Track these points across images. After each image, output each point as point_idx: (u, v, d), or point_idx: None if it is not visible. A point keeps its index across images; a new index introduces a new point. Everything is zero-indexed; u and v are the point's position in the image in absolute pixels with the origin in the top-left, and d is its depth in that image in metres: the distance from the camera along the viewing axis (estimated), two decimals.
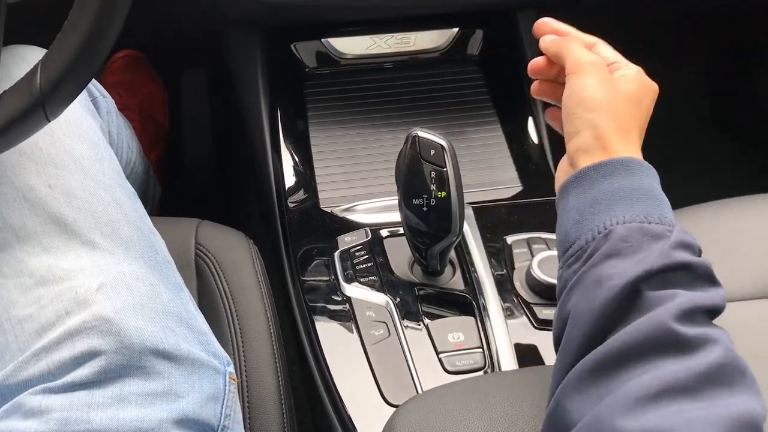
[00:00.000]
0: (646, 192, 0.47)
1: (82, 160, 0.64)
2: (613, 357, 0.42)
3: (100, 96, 0.81)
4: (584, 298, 0.44)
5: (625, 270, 0.43)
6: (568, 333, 0.45)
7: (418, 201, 0.65)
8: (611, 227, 0.45)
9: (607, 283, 0.43)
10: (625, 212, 0.45)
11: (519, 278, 0.71)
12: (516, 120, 0.91)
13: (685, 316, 0.42)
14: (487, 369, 0.65)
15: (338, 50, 0.93)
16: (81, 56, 0.54)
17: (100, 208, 0.62)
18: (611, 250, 0.44)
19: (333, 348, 0.67)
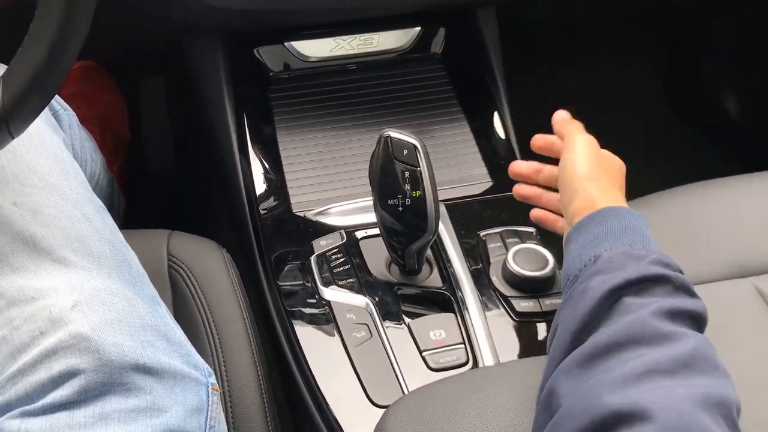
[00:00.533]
0: (633, 229, 0.55)
1: (47, 176, 0.63)
2: (599, 349, 0.45)
3: (62, 109, 0.79)
4: (571, 307, 0.50)
5: (607, 281, 0.49)
6: (557, 337, 0.50)
7: (393, 201, 0.66)
8: (599, 254, 0.52)
9: (591, 293, 0.49)
10: (612, 243, 0.53)
11: (495, 272, 0.72)
12: (482, 116, 0.92)
13: (663, 315, 0.46)
14: (469, 364, 0.65)
15: (302, 53, 0.92)
16: (44, 70, 0.53)
17: (69, 224, 0.60)
18: (597, 269, 0.50)
19: (315, 352, 0.67)
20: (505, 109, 0.93)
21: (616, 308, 0.48)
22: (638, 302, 0.48)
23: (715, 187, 0.86)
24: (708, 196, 0.85)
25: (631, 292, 0.48)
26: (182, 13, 0.86)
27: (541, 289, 0.70)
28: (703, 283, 0.74)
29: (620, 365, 0.43)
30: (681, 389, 0.42)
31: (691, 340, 0.46)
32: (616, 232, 0.54)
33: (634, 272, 0.49)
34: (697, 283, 0.74)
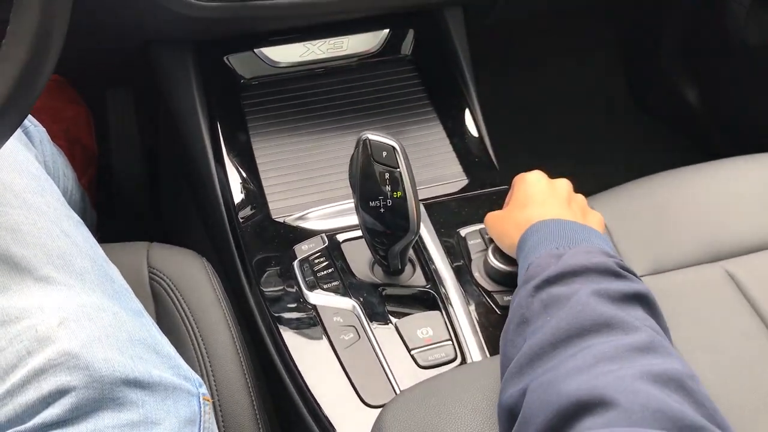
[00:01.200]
0: (559, 233, 0.59)
1: (23, 193, 0.62)
2: (547, 344, 0.47)
3: (32, 125, 0.78)
4: (508, 319, 0.54)
5: (533, 283, 0.53)
6: (501, 346, 0.54)
7: (374, 203, 0.66)
8: (531, 263, 0.57)
9: (518, 298, 0.54)
10: (540, 251, 0.58)
11: (477, 268, 0.74)
12: (454, 115, 0.93)
13: (601, 298, 0.48)
14: (458, 359, 0.66)
15: (272, 59, 0.92)
16: (16, 91, 0.52)
17: (49, 241, 0.60)
18: (528, 277, 0.55)
19: (304, 357, 0.67)
20: (476, 107, 0.95)
21: (543, 300, 0.51)
22: (563, 290, 0.50)
23: (682, 175, 0.88)
24: (675, 185, 0.87)
25: (555, 285, 0.51)
26: (152, 23, 0.86)
27: None
28: (675, 269, 0.76)
29: (571, 358, 0.45)
30: (630, 371, 0.43)
31: (640, 332, 0.47)
32: (543, 240, 0.58)
33: (555, 268, 0.52)
34: (670, 269, 0.77)
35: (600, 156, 1.48)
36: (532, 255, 0.57)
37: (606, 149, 1.50)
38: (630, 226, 0.81)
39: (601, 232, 0.63)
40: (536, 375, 0.46)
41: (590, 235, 0.59)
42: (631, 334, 0.46)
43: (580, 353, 0.45)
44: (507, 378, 0.49)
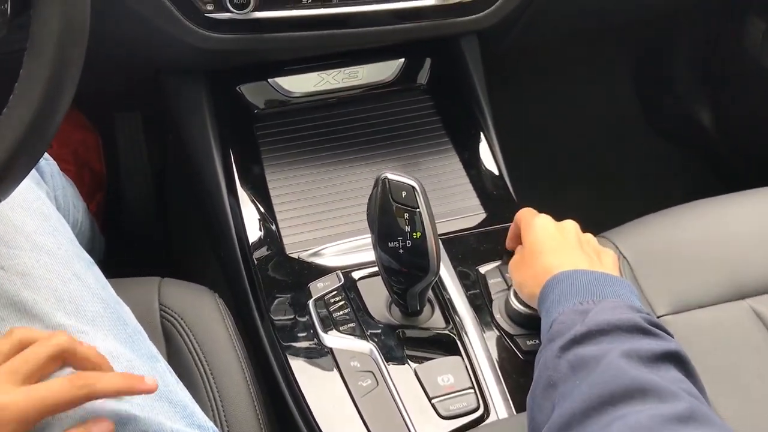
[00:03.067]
0: (583, 286, 0.57)
1: (34, 235, 0.61)
2: (578, 413, 0.45)
3: (42, 159, 0.76)
4: (534, 378, 0.52)
5: (558, 343, 0.51)
6: (528, 409, 0.52)
7: (393, 244, 0.64)
8: (555, 319, 0.55)
9: (543, 359, 0.51)
10: (564, 306, 0.56)
11: (498, 310, 0.71)
12: (470, 146, 0.92)
13: (631, 359, 0.46)
14: (481, 409, 0.64)
15: (286, 89, 0.91)
16: (31, 132, 0.51)
17: (60, 285, 0.58)
18: (552, 335, 0.53)
19: (321, 404, 0.65)
20: (493, 137, 0.93)
21: (571, 362, 0.49)
22: (591, 351, 0.48)
23: (702, 208, 0.86)
24: (695, 218, 0.85)
25: (582, 345, 0.49)
26: (165, 55, 0.84)
27: None
28: (699, 308, 0.74)
29: (605, 429, 0.42)
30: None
31: (680, 400, 0.44)
32: (565, 294, 0.56)
33: (580, 327, 0.50)
34: (693, 307, 0.74)
35: (614, 181, 1.46)
36: (554, 310, 0.55)
37: (620, 174, 1.48)
38: (650, 261, 0.79)
39: (617, 274, 0.61)
40: None
41: (613, 284, 0.57)
42: (668, 402, 0.43)
43: (615, 424, 0.42)
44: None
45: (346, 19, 0.83)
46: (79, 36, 0.52)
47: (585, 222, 1.36)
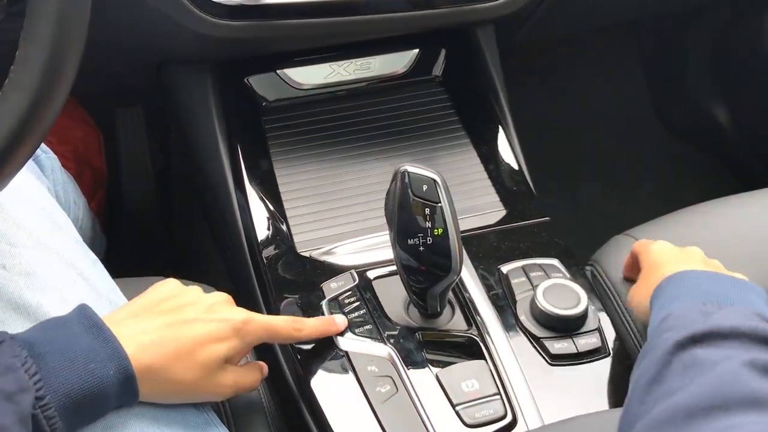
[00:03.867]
0: (708, 288, 0.54)
1: (37, 232, 0.57)
2: (682, 412, 0.41)
3: (43, 154, 0.73)
4: (638, 367, 0.48)
5: (673, 336, 0.46)
6: (628, 398, 0.47)
7: (413, 241, 0.61)
8: (670, 312, 0.51)
9: (657, 349, 0.46)
10: (684, 302, 0.52)
11: (523, 311, 0.67)
12: (488, 140, 0.88)
13: (755, 370, 0.42)
14: (508, 417, 0.60)
15: (296, 81, 0.87)
16: (27, 121, 0.47)
17: (65, 285, 0.55)
18: (667, 327, 0.48)
19: (337, 412, 0.61)
20: (512, 130, 0.89)
21: (685, 362, 0.44)
22: (710, 354, 0.44)
23: (727, 206, 0.83)
24: (722, 215, 0.82)
25: (700, 346, 0.45)
26: (170, 43, 0.81)
27: (575, 327, 0.66)
28: None
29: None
30: None
31: None
32: (689, 291, 0.53)
33: (701, 326, 0.46)
34: None
35: (626, 179, 1.42)
36: (671, 306, 0.52)
37: (632, 172, 1.44)
38: None
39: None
40: None
41: (743, 289, 0.54)
42: None
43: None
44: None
45: (358, 5, 0.79)
46: (79, 16, 0.48)
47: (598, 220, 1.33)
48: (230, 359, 0.55)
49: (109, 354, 0.48)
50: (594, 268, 0.77)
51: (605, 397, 0.62)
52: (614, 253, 0.77)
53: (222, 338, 0.54)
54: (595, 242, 0.82)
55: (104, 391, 0.47)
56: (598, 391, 0.63)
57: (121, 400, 0.50)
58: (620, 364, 0.65)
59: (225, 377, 0.55)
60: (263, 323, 0.57)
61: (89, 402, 0.47)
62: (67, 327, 0.49)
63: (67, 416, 0.46)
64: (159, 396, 0.52)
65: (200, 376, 0.52)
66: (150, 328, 0.52)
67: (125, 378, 0.48)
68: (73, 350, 0.47)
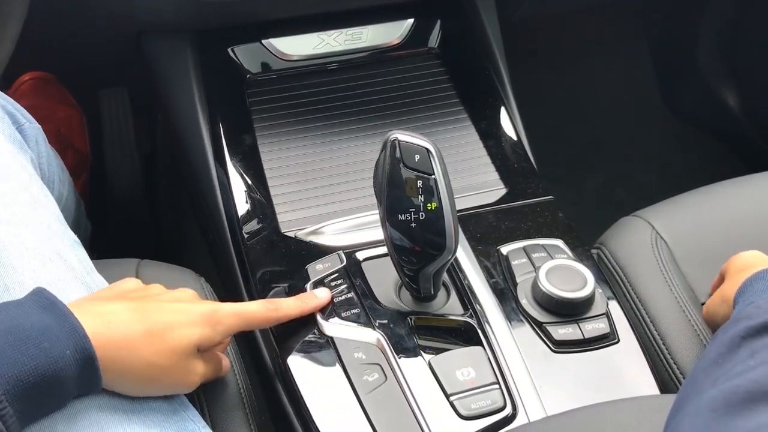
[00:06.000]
0: None
1: (13, 205, 0.52)
2: (743, 394, 0.37)
3: (27, 123, 0.67)
4: (707, 350, 0.44)
5: (748, 323, 0.43)
6: (688, 378, 0.44)
7: (404, 216, 0.55)
8: (751, 303, 0.47)
9: (729, 333, 0.43)
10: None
11: (524, 294, 0.62)
12: (487, 115, 0.83)
13: None
14: (508, 409, 0.55)
15: (282, 52, 0.82)
16: None
17: (39, 265, 0.50)
18: (745, 315, 0.44)
19: (320, 403, 0.56)
20: (513, 105, 0.84)
21: (754, 347, 0.40)
22: None
23: (738, 187, 0.79)
24: (733, 196, 0.78)
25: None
26: (146, 9, 0.75)
27: (581, 312, 0.60)
28: None
29: None
30: None
31: None
32: None
33: None
34: None
35: (631, 163, 1.37)
36: (756, 298, 0.48)
37: (637, 155, 1.39)
38: (690, 244, 0.71)
39: None
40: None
41: None
42: None
43: None
44: (678, 419, 0.39)
45: None
46: None
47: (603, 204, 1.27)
48: (201, 347, 0.51)
49: (66, 332, 0.43)
50: (601, 251, 0.72)
51: (613, 386, 0.57)
52: (623, 234, 0.72)
53: (193, 324, 0.50)
54: (601, 229, 0.77)
55: (61, 373, 0.42)
56: (605, 380, 0.58)
57: (82, 386, 0.45)
58: (630, 352, 0.60)
59: (196, 365, 0.51)
60: (233, 310, 0.54)
61: (45, 387, 0.42)
62: (18, 306, 0.44)
63: (19, 403, 0.41)
64: (126, 384, 0.48)
65: (172, 362, 0.49)
66: (116, 309, 0.48)
67: (85, 358, 0.43)
68: (23, 328, 0.42)
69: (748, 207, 0.75)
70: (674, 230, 0.72)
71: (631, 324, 0.63)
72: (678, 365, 0.61)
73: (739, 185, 0.79)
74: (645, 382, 0.58)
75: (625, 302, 0.66)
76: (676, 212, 0.75)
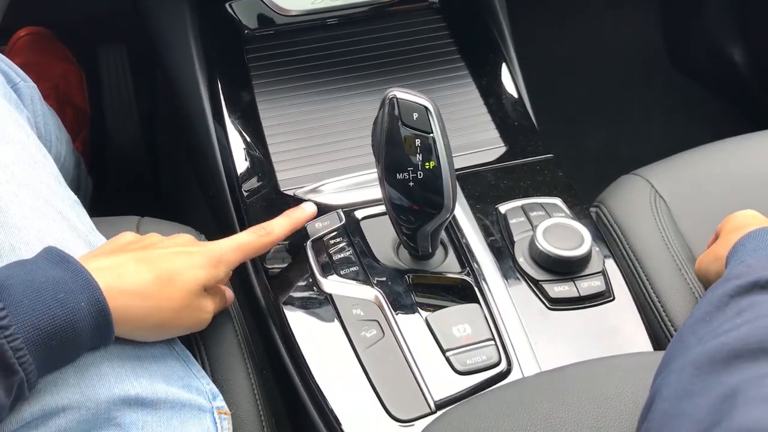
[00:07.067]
0: None
1: (12, 166, 0.53)
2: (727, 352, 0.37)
3: (21, 81, 0.67)
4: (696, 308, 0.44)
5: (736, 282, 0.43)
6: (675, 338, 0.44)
7: (402, 175, 0.55)
8: (742, 262, 0.48)
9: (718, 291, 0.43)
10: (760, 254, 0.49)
11: (522, 252, 0.63)
12: (488, 72, 0.82)
13: None
14: (503, 364, 0.56)
15: (281, 6, 0.81)
16: None
17: (43, 224, 0.51)
18: (735, 274, 0.44)
19: (319, 358, 0.57)
20: (515, 63, 0.83)
21: (741, 306, 0.41)
22: None
23: (738, 145, 0.79)
24: (732, 154, 0.78)
25: (764, 292, 0.41)
26: None
27: (577, 270, 0.61)
28: None
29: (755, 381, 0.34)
30: None
31: None
32: (766, 244, 0.50)
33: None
34: None
35: (633, 121, 1.36)
36: (747, 257, 0.48)
37: (641, 113, 1.38)
38: (688, 201, 0.71)
39: None
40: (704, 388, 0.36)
41: None
42: None
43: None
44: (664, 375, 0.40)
45: None
46: None
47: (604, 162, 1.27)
48: (207, 287, 0.53)
49: (80, 285, 0.44)
50: (599, 209, 0.72)
51: (608, 343, 0.58)
52: (621, 192, 0.72)
53: (198, 266, 0.52)
54: (604, 186, 0.77)
55: (76, 324, 0.43)
56: (600, 337, 0.58)
57: (96, 338, 0.46)
58: (625, 310, 0.61)
59: (206, 304, 0.53)
60: (230, 244, 0.56)
61: (61, 337, 0.43)
62: (32, 263, 0.45)
63: (38, 351, 0.42)
64: (141, 331, 0.49)
65: (183, 305, 0.50)
66: (123, 261, 0.49)
67: (98, 311, 0.44)
68: (39, 281, 0.43)
69: (748, 165, 0.75)
70: (673, 188, 0.71)
71: (628, 282, 0.63)
72: (673, 323, 0.61)
73: (740, 143, 0.78)
74: (639, 340, 0.59)
75: (622, 260, 0.66)
76: (676, 170, 0.75)
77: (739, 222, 0.58)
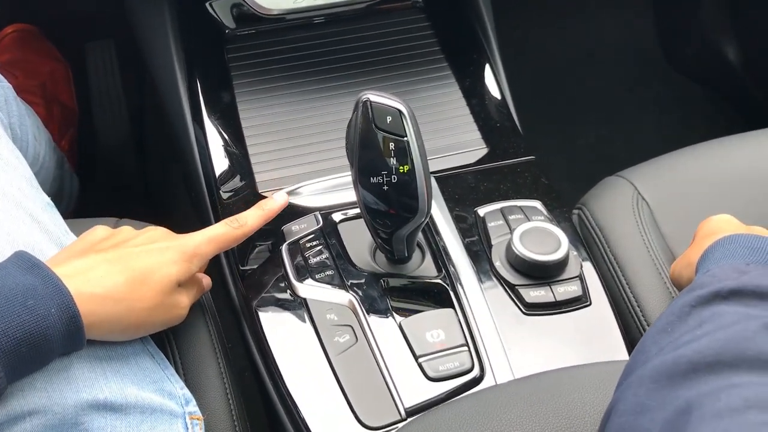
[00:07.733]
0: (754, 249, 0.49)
1: None
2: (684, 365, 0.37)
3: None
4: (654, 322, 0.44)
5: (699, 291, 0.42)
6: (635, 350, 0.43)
7: (376, 179, 0.55)
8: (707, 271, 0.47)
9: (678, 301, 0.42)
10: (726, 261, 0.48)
11: (498, 256, 0.62)
12: (472, 72, 0.81)
13: None
14: (475, 370, 0.55)
15: (262, 5, 0.80)
16: None
17: (13, 228, 0.50)
18: (700, 284, 0.44)
19: (291, 363, 0.56)
20: (499, 63, 0.82)
21: (703, 316, 0.40)
22: (732, 311, 0.39)
23: (729, 145, 0.78)
24: (722, 156, 0.77)
25: (726, 302, 0.40)
26: None
27: (554, 274, 0.60)
28: None
29: (710, 396, 0.34)
30: None
31: None
32: (733, 254, 0.49)
33: (732, 283, 0.42)
34: None
35: (628, 120, 1.35)
36: (713, 266, 0.48)
37: (634, 112, 1.37)
38: (672, 204, 0.70)
39: None
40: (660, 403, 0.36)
41: None
42: None
43: (729, 391, 0.34)
44: (623, 388, 0.39)
45: None
46: None
47: (596, 162, 1.25)
48: (181, 282, 0.53)
49: (50, 292, 0.44)
50: (581, 212, 0.71)
51: (583, 349, 0.58)
52: (604, 195, 0.71)
53: (171, 262, 0.52)
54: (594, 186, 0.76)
55: (47, 332, 0.43)
56: (575, 343, 0.58)
57: (66, 345, 0.45)
58: (602, 315, 0.60)
59: (180, 299, 0.53)
60: (203, 236, 0.55)
61: (31, 344, 0.42)
62: (0, 269, 0.44)
63: (6, 358, 0.42)
64: (115, 334, 0.49)
65: (157, 303, 0.50)
66: (94, 264, 0.48)
67: (69, 317, 0.44)
68: (8, 288, 0.43)
69: (732, 168, 0.74)
70: (656, 191, 0.71)
71: (606, 286, 0.63)
72: None
73: (726, 145, 0.77)
74: (614, 346, 0.58)
75: (602, 264, 0.66)
76: (660, 172, 0.74)
77: (713, 227, 0.57)
